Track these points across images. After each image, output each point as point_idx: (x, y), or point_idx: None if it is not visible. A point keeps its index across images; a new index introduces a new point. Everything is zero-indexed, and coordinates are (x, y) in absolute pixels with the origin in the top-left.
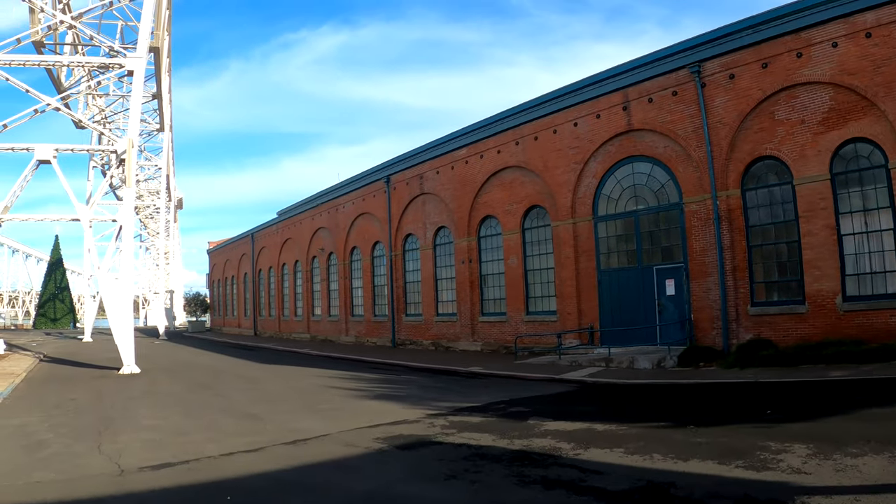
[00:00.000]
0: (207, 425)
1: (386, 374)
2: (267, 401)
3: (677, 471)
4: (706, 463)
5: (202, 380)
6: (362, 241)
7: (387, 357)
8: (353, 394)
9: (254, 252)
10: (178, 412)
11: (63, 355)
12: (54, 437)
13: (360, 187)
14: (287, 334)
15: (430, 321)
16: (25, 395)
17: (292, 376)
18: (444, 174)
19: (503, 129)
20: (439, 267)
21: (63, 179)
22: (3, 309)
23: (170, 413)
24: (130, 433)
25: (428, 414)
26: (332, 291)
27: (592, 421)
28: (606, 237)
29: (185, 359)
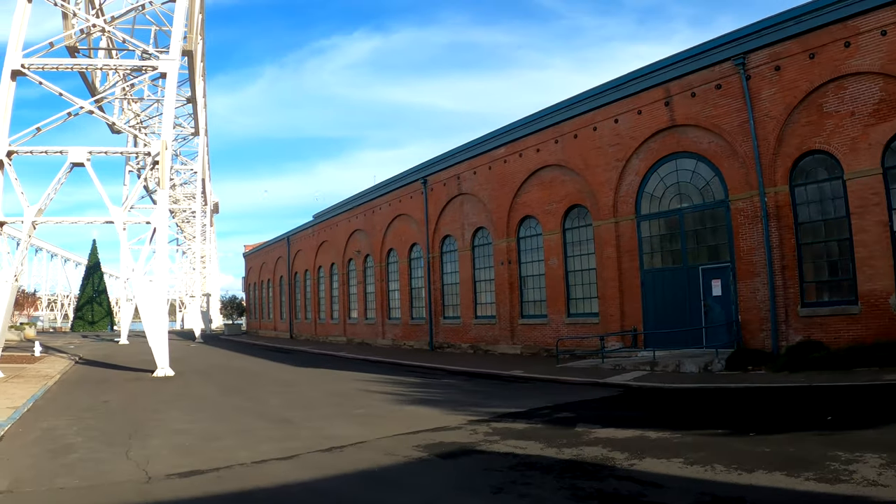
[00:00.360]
0: (240, 430)
1: (424, 378)
2: (301, 405)
3: (743, 484)
4: (773, 475)
5: (236, 383)
6: (399, 242)
7: (424, 360)
8: (390, 398)
9: (289, 255)
10: (210, 416)
11: (98, 358)
12: (82, 441)
13: (396, 188)
14: (323, 337)
15: (469, 324)
16: (57, 397)
17: (328, 380)
18: (481, 174)
19: (542, 128)
20: (478, 269)
21: (97, 182)
22: (42, 312)
23: (201, 417)
24: (160, 437)
25: (469, 420)
26: (369, 294)
27: (644, 428)
28: (650, 236)
29: (220, 362)
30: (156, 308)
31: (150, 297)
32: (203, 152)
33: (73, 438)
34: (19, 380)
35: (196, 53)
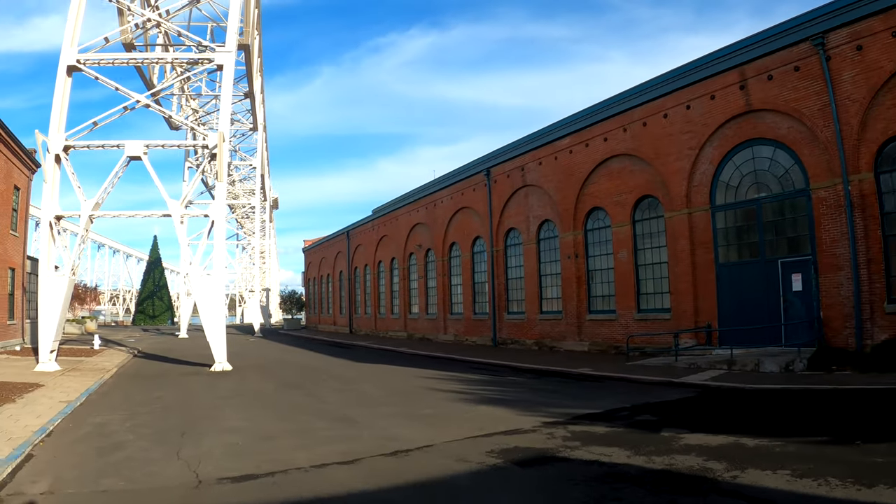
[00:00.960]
0: (298, 430)
1: (490, 376)
2: (363, 403)
3: (868, 502)
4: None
5: (294, 379)
6: (461, 236)
7: (488, 357)
8: (456, 397)
9: (349, 250)
10: (266, 414)
11: (157, 351)
12: (133, 438)
13: (458, 181)
14: (383, 332)
15: (534, 319)
16: (112, 391)
17: (390, 376)
18: (547, 165)
19: (609, 116)
20: (543, 262)
21: (154, 175)
22: (105, 307)
23: (258, 414)
24: (214, 436)
25: (544, 422)
26: (430, 289)
27: (737, 434)
28: (725, 228)
29: (279, 356)
30: (213, 302)
31: (208, 291)
32: (262, 148)
33: (123, 435)
34: (76, 373)
35: (253, 48)
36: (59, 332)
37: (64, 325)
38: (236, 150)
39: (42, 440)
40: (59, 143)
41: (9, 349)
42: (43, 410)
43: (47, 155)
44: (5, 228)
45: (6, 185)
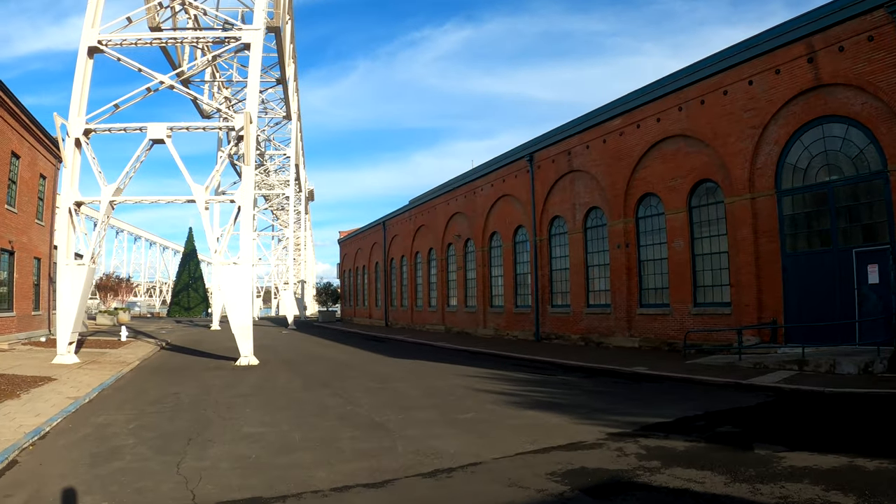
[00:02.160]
0: (320, 438)
1: (536, 374)
2: (397, 406)
3: None
4: None
5: (323, 376)
6: (503, 225)
7: (532, 353)
8: (503, 399)
9: (385, 240)
10: (288, 417)
11: (185, 343)
12: (133, 443)
13: (499, 167)
14: (420, 326)
15: (580, 313)
16: (127, 386)
17: (428, 374)
18: (594, 148)
19: (662, 95)
20: (590, 252)
21: (177, 158)
22: (141, 298)
23: (278, 418)
24: (224, 445)
25: (609, 433)
26: (470, 280)
27: (847, 452)
28: (792, 215)
29: (310, 350)
30: (239, 292)
31: (234, 281)
32: (296, 137)
33: (123, 440)
34: (94, 366)
35: (284, 33)
36: (79, 324)
37: (84, 316)
38: (270, 140)
39: (33, 443)
40: (80, 127)
41: (33, 340)
42: (45, 408)
43: (67, 139)
44: (31, 217)
45: (32, 173)
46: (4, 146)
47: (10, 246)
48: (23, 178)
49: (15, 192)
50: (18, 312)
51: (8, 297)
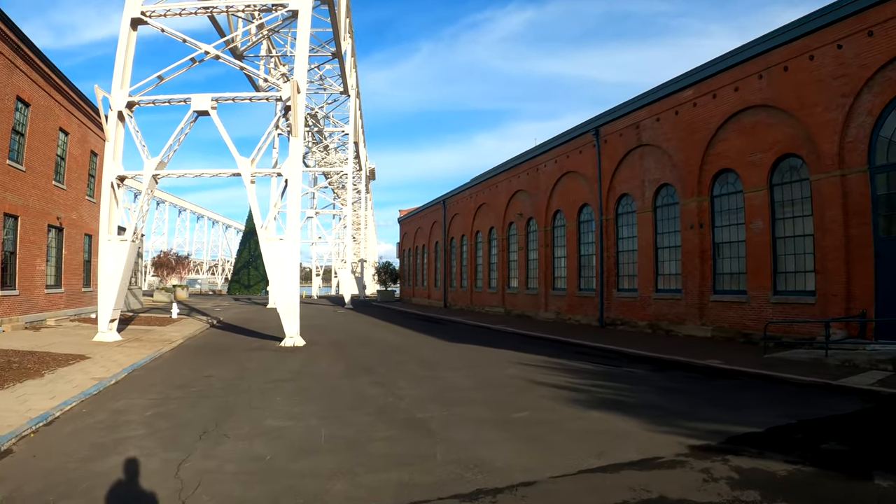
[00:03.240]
0: (349, 438)
1: (600, 365)
2: (443, 399)
3: None
4: None
5: (369, 360)
6: (567, 203)
7: (595, 339)
8: (562, 395)
9: (445, 219)
10: (319, 409)
11: (237, 321)
12: (142, 435)
13: (564, 142)
14: (479, 307)
15: (647, 298)
16: (161, 367)
17: (481, 361)
18: (666, 121)
19: (741, 61)
20: (660, 233)
21: (223, 131)
22: (203, 276)
23: (309, 409)
24: (239, 440)
25: (690, 446)
26: (531, 261)
27: None
28: (888, 194)
29: (361, 331)
30: (285, 269)
31: (280, 257)
32: (354, 115)
33: (133, 430)
34: (134, 344)
35: (339, 6)
36: (121, 300)
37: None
38: (329, 117)
39: (37, 429)
40: (122, 100)
41: (82, 317)
42: (64, 390)
43: (109, 112)
44: (81, 194)
45: (82, 149)
46: (51, 122)
47: (58, 222)
48: (72, 155)
49: (64, 168)
50: (67, 289)
51: (57, 274)
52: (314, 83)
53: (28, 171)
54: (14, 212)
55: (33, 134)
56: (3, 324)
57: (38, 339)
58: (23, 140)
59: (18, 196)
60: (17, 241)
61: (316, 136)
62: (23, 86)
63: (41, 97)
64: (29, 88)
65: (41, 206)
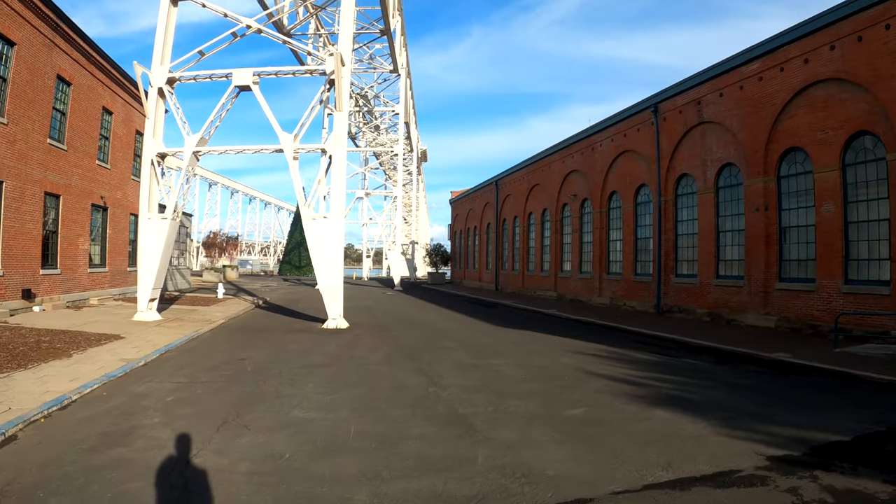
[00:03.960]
0: (381, 434)
1: (659, 355)
2: (491, 390)
3: None
4: None
5: (413, 345)
6: (623, 184)
7: (652, 327)
8: (619, 389)
9: (497, 200)
10: (353, 398)
11: (282, 302)
12: (156, 424)
13: (620, 120)
14: (531, 291)
15: (707, 285)
16: (196, 348)
17: (533, 349)
18: (729, 96)
19: (810, 31)
20: (722, 216)
21: (265, 105)
22: (255, 256)
23: (341, 399)
24: (259, 434)
25: (770, 457)
26: (585, 244)
27: None
28: None
29: (408, 314)
30: (328, 249)
31: (323, 236)
32: (405, 94)
33: (149, 417)
34: (173, 324)
35: None
36: (161, 279)
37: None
38: (379, 97)
39: (49, 413)
40: (163, 76)
41: (127, 296)
42: (89, 371)
43: (150, 89)
44: (126, 173)
45: (127, 129)
46: (95, 102)
47: (102, 202)
48: (116, 135)
49: (108, 148)
50: (112, 268)
51: (101, 253)
52: (364, 62)
53: (70, 151)
54: (55, 191)
55: (75, 113)
56: (44, 303)
57: (76, 318)
58: (64, 119)
59: (60, 175)
60: (58, 221)
61: (367, 116)
62: (63, 65)
63: (83, 76)
64: (70, 67)
65: (84, 186)
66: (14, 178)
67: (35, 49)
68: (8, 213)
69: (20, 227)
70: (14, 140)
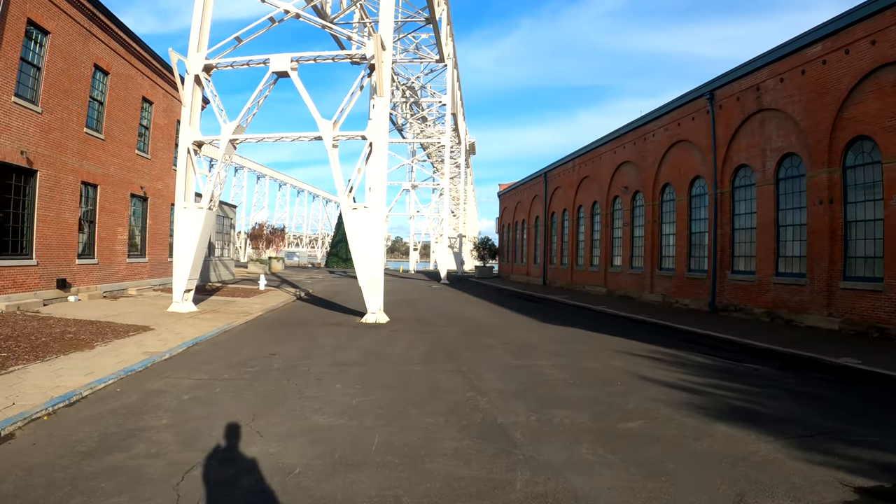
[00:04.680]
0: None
1: (717, 359)
2: (534, 396)
3: None
4: None
5: (454, 343)
6: (676, 176)
7: (707, 326)
8: (678, 398)
9: (546, 193)
10: (381, 403)
11: (325, 294)
12: (163, 426)
13: (674, 109)
14: (579, 286)
15: (766, 282)
16: (227, 342)
17: (581, 347)
18: (790, 81)
19: (878, 10)
20: (783, 209)
21: (303, 92)
22: (302, 249)
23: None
24: (272, 442)
25: (858, 489)
26: (636, 238)
27: None
28: None
29: (451, 308)
30: (368, 240)
31: (362, 226)
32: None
33: (157, 418)
34: (208, 316)
35: None
36: (197, 271)
37: (217, 264)
38: (426, 88)
39: (54, 410)
40: (199, 63)
41: (166, 287)
42: (108, 365)
43: (186, 76)
44: (167, 164)
45: (168, 119)
46: (134, 92)
47: (142, 192)
48: (157, 125)
49: (148, 138)
50: (152, 259)
51: (141, 244)
52: (409, 52)
53: (108, 140)
54: (93, 180)
55: (113, 103)
56: (80, 292)
57: (110, 308)
58: (102, 109)
59: (98, 165)
60: (96, 210)
61: (413, 107)
62: (100, 54)
63: (121, 66)
64: (107, 57)
65: (122, 176)
66: (49, 168)
67: (70, 38)
68: (42, 203)
69: (55, 217)
70: (49, 129)
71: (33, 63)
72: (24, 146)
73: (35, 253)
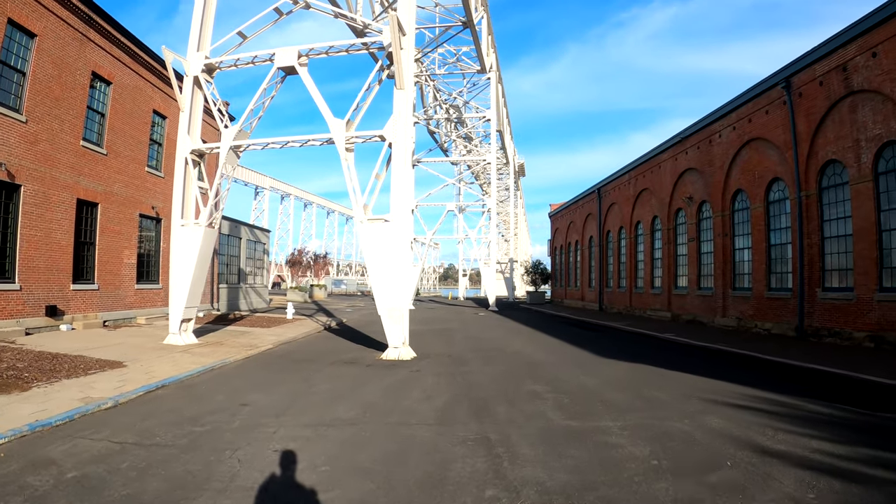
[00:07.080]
0: None
1: (847, 409)
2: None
3: None
4: None
5: (487, 389)
6: (749, 180)
7: (801, 357)
8: (836, 494)
9: (600, 210)
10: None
11: (357, 324)
12: None
13: (743, 103)
14: (640, 311)
15: (867, 300)
16: (198, 385)
17: (655, 394)
18: (886, 54)
19: None
20: (885, 210)
21: (313, 90)
22: (352, 277)
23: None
24: None
25: None
26: (704, 255)
27: None
28: None
29: (494, 340)
30: (389, 259)
31: (381, 243)
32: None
33: None
34: (207, 349)
35: None
36: (196, 297)
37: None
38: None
39: None
40: (199, 64)
41: None
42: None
43: (185, 78)
44: None
45: None
46: (142, 104)
47: (153, 212)
48: (171, 141)
49: (161, 155)
50: (166, 284)
51: (154, 269)
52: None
53: (111, 155)
54: (92, 198)
55: (117, 115)
56: (76, 321)
57: (99, 339)
58: (104, 121)
59: (98, 181)
60: (96, 231)
61: (458, 126)
62: (99, 61)
63: (126, 75)
64: (108, 65)
65: (129, 194)
66: (36, 182)
67: (62, 42)
68: (28, 221)
69: (44, 237)
70: (35, 140)
71: (15, 67)
72: (4, 157)
73: (18, 276)
